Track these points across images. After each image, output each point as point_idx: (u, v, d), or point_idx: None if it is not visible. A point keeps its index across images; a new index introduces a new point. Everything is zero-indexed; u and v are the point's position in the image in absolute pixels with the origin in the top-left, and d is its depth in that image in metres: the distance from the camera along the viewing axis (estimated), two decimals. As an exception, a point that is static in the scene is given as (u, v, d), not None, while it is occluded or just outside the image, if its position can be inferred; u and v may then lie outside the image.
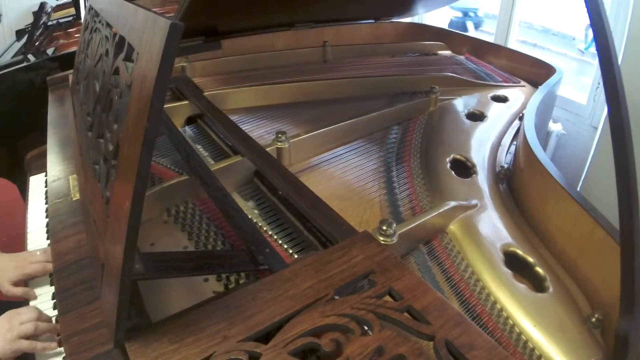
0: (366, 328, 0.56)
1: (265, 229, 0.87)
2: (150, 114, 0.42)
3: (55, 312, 0.83)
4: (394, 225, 0.78)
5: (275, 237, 0.85)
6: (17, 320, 0.76)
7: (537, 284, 0.82)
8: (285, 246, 0.83)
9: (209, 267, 0.67)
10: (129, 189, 0.48)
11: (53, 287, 0.91)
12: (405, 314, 0.58)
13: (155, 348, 0.56)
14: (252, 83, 1.50)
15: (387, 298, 0.61)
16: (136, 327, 0.61)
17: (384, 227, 0.77)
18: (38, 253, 0.95)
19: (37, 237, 1.09)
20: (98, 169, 0.71)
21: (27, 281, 0.94)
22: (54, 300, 0.86)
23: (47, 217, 1.13)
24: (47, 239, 1.06)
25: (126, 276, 0.52)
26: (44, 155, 1.41)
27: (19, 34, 3.02)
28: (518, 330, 0.72)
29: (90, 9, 1.12)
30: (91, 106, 0.84)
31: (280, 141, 1.09)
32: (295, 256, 0.80)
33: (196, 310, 0.60)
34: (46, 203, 1.19)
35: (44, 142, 1.40)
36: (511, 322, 0.73)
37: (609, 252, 0.76)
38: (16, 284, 0.90)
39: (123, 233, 0.50)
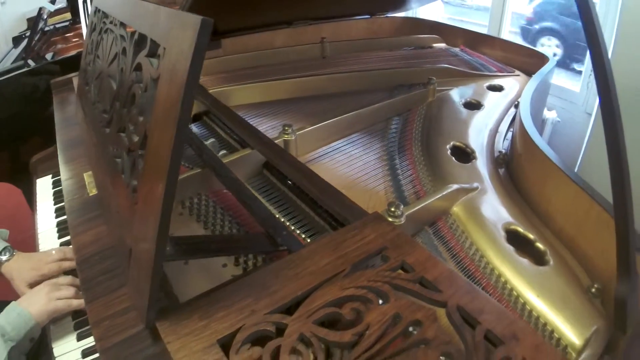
0: (382, 302, 0.60)
1: (277, 216, 0.91)
2: (183, 102, 0.46)
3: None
4: (402, 206, 0.82)
5: (287, 223, 0.89)
6: (57, 287, 0.84)
7: (538, 259, 0.86)
8: (298, 231, 0.86)
9: (231, 249, 0.71)
10: (162, 173, 0.52)
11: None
12: (418, 284, 0.62)
13: (186, 325, 0.59)
14: (253, 80, 1.54)
15: (400, 271, 0.65)
16: (165, 308, 0.64)
17: (392, 209, 0.81)
18: (53, 252, 0.97)
19: (47, 237, 1.12)
20: (120, 162, 0.74)
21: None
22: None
23: (56, 217, 1.17)
24: (58, 238, 1.09)
25: (159, 256, 0.56)
26: (49, 158, 1.44)
27: (16, 40, 3.03)
28: (522, 301, 0.76)
29: (97, 11, 1.15)
30: (108, 103, 0.87)
31: (287, 134, 1.13)
32: (309, 240, 0.84)
33: (222, 289, 0.63)
34: (55, 204, 1.23)
35: (48, 145, 1.43)
36: (515, 293, 0.77)
37: (606, 228, 0.80)
38: (31, 285, 0.92)
39: (156, 215, 0.53)
